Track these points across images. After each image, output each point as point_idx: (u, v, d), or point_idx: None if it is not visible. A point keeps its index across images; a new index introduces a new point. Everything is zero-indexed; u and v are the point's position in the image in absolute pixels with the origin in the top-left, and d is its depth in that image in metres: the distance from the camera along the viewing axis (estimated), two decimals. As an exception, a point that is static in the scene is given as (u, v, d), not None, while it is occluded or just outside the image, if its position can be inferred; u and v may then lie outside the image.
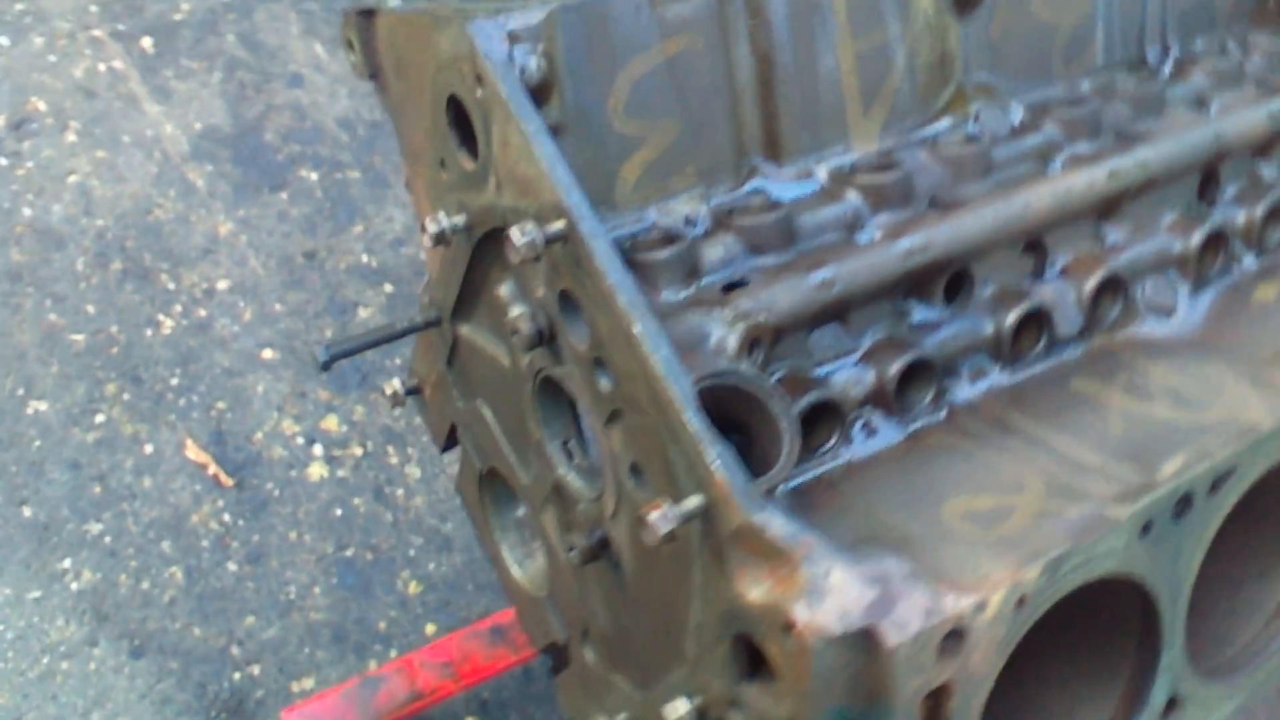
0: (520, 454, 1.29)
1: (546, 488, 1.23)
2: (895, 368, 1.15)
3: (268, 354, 2.71)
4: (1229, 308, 1.38)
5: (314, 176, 2.99)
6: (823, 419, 1.11)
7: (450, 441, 1.50)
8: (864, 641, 0.90)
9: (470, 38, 1.02)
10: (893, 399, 1.15)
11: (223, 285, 2.76)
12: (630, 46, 1.12)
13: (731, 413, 1.03)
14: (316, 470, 2.65)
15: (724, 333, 1.05)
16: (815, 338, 1.15)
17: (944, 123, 1.38)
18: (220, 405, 2.61)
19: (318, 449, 2.67)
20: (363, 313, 2.87)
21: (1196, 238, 1.38)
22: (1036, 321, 1.25)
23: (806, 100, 1.26)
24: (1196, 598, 1.14)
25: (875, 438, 1.14)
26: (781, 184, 1.25)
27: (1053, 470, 1.09)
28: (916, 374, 1.17)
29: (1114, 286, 1.31)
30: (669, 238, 1.14)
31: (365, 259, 2.94)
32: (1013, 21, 1.43)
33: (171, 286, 2.70)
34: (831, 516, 1.03)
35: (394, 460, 2.73)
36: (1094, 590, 1.03)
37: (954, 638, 0.92)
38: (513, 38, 1.02)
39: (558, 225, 0.98)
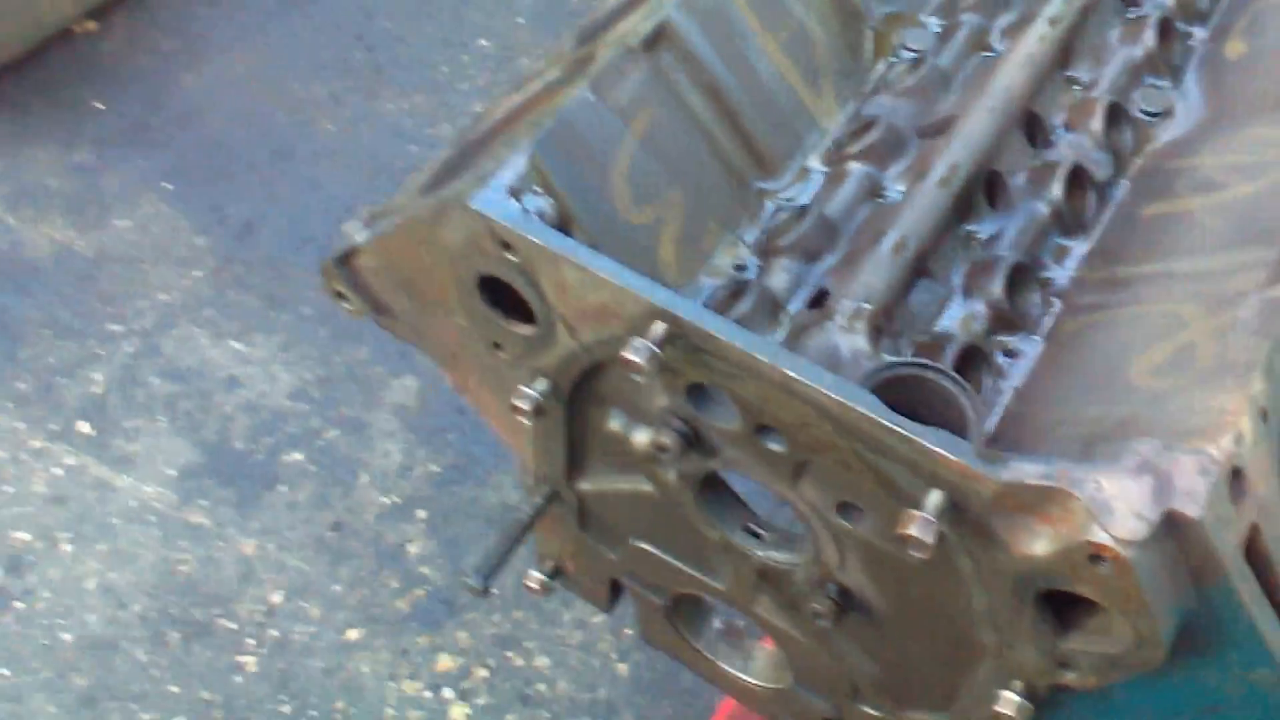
0: (703, 565, 1.25)
1: (751, 579, 1.19)
2: (998, 285, 1.14)
3: (353, 634, 2.64)
4: (1214, 78, 1.40)
5: (299, 456, 2.94)
6: (970, 366, 1.10)
7: (613, 598, 1.46)
8: (1168, 529, 0.87)
9: (478, 213, 1.00)
10: (1012, 314, 1.14)
11: (277, 598, 2.69)
12: (607, 144, 1.11)
13: (897, 410, 1.01)
14: (458, 712, 2.57)
15: (849, 339, 1.04)
16: (914, 301, 1.14)
17: (881, 65, 1.40)
18: (339, 705, 2.53)
19: (447, 692, 2.59)
20: (412, 549, 2.81)
21: (1149, 35, 1.41)
22: (1078, 180, 1.26)
23: (767, 109, 1.26)
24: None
25: (1022, 358, 1.13)
26: (790, 192, 1.25)
27: (1195, 291, 1.08)
28: (1017, 281, 1.16)
29: (1115, 115, 1.33)
30: (736, 291, 1.13)
31: (386, 500, 2.89)
32: (882, -50, 1.46)
33: (234, 626, 2.63)
34: (1048, 443, 1.01)
35: (520, 662, 2.65)
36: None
37: (1237, 479, 0.90)
38: (514, 192, 1.01)
39: (659, 328, 0.96)
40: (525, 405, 1.11)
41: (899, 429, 0.89)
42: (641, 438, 1.13)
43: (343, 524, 2.82)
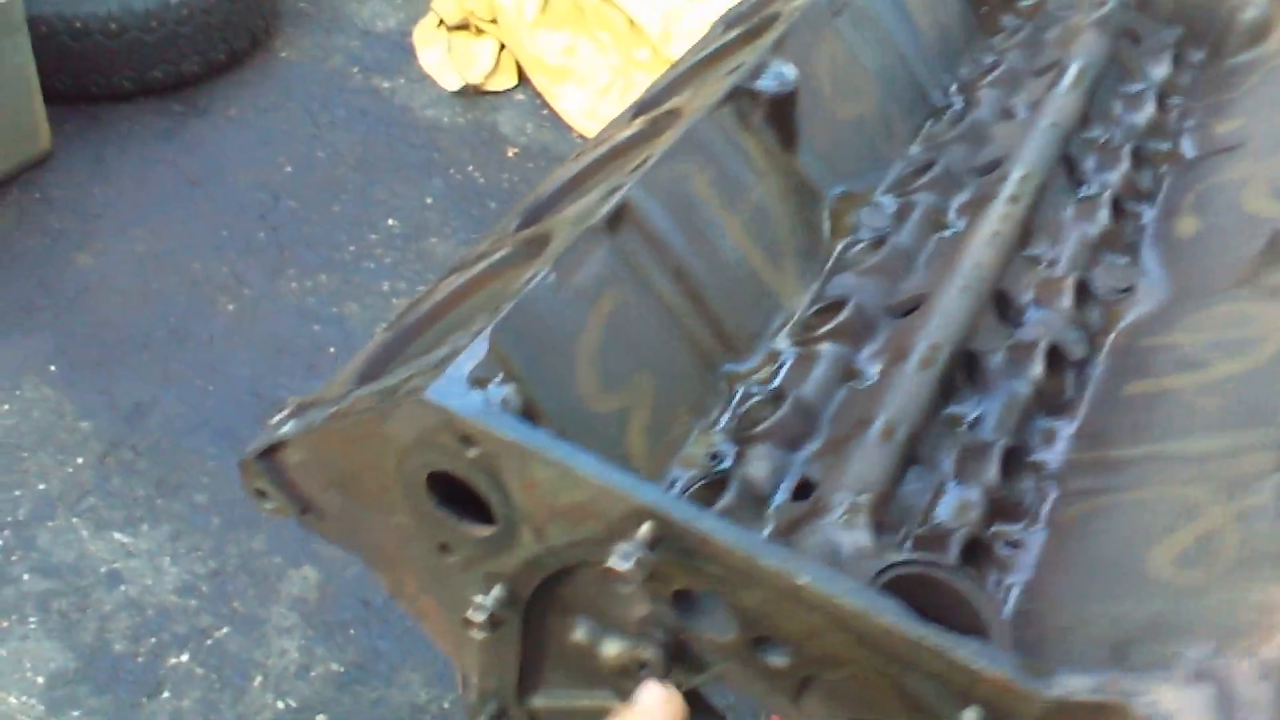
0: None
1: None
2: (993, 470, 1.06)
3: None
4: (1171, 256, 1.39)
5: (184, 658, 2.69)
6: (973, 560, 1.00)
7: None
8: (1233, 747, 0.78)
9: (436, 405, 0.89)
10: (1009, 502, 1.06)
11: (158, 826, 2.40)
12: (571, 328, 1.02)
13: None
14: None
15: (850, 535, 0.94)
16: (907, 491, 1.05)
17: (841, 244, 1.35)
18: None
19: None
20: (312, 761, 2.56)
21: (1104, 214, 1.40)
22: (1056, 359, 1.21)
23: (732, 290, 1.19)
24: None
25: (1024, 548, 1.04)
26: (760, 376, 1.17)
27: (1200, 474, 1.02)
28: (1011, 466, 1.09)
29: (1083, 292, 1.29)
30: (714, 483, 1.03)
31: (281, 705, 2.65)
32: (831, 131, 1.44)
33: None
34: (1069, 646, 0.92)
35: None
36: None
37: (1295, 683, 0.81)
38: (476, 381, 0.91)
39: (646, 530, 0.85)
40: (479, 618, 0.97)
41: (926, 640, 0.79)
42: (613, 649, 1.00)
43: (234, 735, 2.56)
